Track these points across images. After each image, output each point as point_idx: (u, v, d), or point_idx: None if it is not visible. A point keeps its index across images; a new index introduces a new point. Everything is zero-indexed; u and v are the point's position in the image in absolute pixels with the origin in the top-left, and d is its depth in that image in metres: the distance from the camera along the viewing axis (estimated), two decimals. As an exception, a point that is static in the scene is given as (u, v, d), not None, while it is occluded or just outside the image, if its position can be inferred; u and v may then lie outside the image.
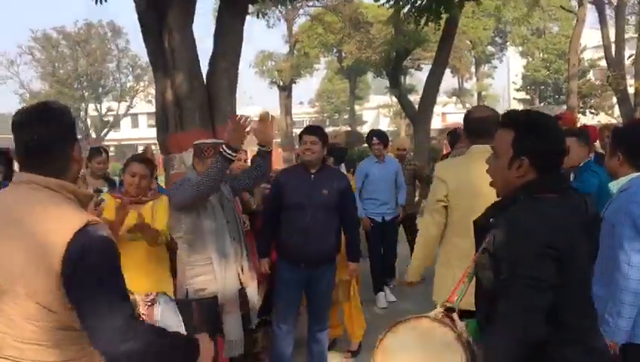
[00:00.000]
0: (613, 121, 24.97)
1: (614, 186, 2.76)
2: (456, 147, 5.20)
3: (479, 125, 3.02)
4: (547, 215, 1.81)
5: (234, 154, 3.27)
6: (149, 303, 2.67)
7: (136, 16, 6.39)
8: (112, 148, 39.45)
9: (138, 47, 54.55)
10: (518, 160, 1.92)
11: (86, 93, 40.55)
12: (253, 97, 59.44)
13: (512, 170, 1.93)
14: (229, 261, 3.39)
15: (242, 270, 3.46)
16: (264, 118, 3.51)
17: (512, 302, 1.76)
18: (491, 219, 1.96)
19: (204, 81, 6.36)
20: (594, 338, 1.92)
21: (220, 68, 6.39)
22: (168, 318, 2.57)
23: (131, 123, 50.21)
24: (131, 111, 43.13)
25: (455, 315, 2.05)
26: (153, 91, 31.38)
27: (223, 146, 3.27)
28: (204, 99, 6.24)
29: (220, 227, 3.39)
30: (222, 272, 3.35)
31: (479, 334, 1.99)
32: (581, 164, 3.86)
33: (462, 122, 3.27)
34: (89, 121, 41.40)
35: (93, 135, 40.19)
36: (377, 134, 6.54)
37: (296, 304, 3.98)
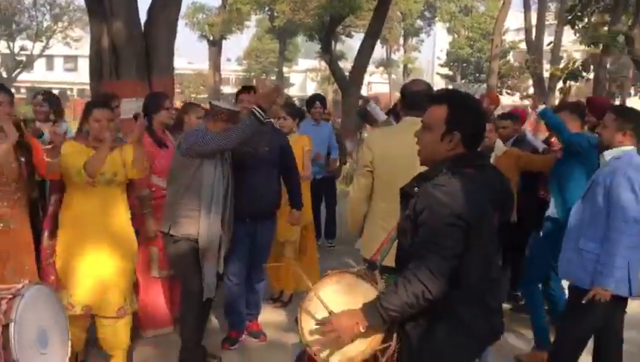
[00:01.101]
0: (527, 103, 26.31)
1: (609, 155, 3.23)
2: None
3: (415, 98, 3.19)
4: (463, 189, 2.01)
5: (265, 114, 3.42)
6: (10, 296, 2.35)
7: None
8: (22, 90, 37.13)
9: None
10: (450, 134, 2.10)
11: (-3, 29, 37.74)
12: (181, 49, 57.35)
13: (443, 144, 2.13)
14: (217, 213, 3.60)
15: (223, 224, 3.70)
16: (276, 90, 3.66)
17: (419, 263, 2.00)
18: (416, 188, 2.14)
19: (143, 30, 6.26)
20: (493, 299, 2.19)
21: (159, 18, 6.29)
22: (32, 315, 2.35)
23: (46, 65, 47.37)
24: (47, 52, 40.62)
25: (377, 272, 2.30)
26: (72, 33, 29.46)
27: (255, 107, 3.40)
28: (142, 49, 6.16)
29: (216, 181, 3.58)
30: (207, 221, 3.56)
31: None
32: None
33: (386, 92, 3.46)
34: (-1, 60, 38.73)
35: (4, 74, 37.64)
36: (320, 99, 6.98)
37: (246, 256, 4.14)
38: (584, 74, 11.83)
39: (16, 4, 37.39)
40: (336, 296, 2.24)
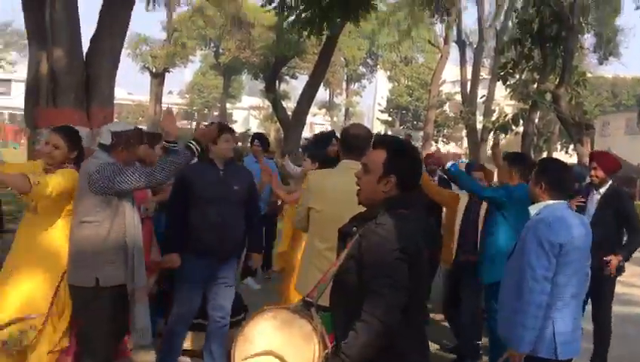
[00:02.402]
0: (460, 151, 27.42)
1: (533, 210, 3.12)
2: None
3: (353, 141, 3.28)
4: (402, 227, 2.13)
5: (200, 149, 3.37)
6: None
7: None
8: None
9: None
10: (387, 177, 2.25)
11: None
12: (121, 79, 56.28)
13: (379, 185, 2.26)
14: (141, 248, 3.36)
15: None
16: (170, 113, 3.61)
17: (373, 300, 2.07)
18: (354, 228, 2.24)
19: (84, 59, 6.17)
20: (424, 331, 2.31)
21: (102, 48, 6.23)
22: None
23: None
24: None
25: (313, 309, 2.34)
26: (7, 56, 28.59)
27: (192, 141, 3.34)
28: (82, 78, 6.06)
29: (135, 215, 3.34)
30: (135, 261, 3.29)
31: (331, 327, 2.30)
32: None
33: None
34: None
35: None
36: (259, 137, 7.12)
37: (197, 297, 3.97)
38: (513, 127, 12.45)
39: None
40: (273, 332, 2.25)
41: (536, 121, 14.61)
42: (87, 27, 6.37)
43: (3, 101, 42.94)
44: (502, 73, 12.59)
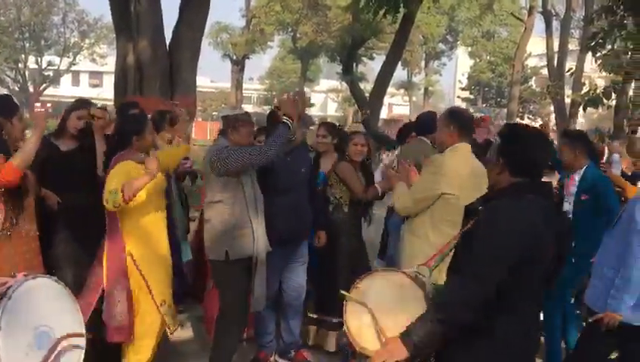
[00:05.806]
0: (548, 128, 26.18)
1: None
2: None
3: (468, 124, 3.42)
4: (518, 209, 2.16)
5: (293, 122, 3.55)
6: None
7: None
8: (49, 104, 37.59)
9: (85, 2, 52.16)
10: (498, 161, 2.31)
11: (27, 45, 38.63)
12: (203, 68, 57.89)
13: (494, 170, 2.33)
14: (262, 223, 3.62)
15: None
16: (296, 98, 3.75)
17: (474, 260, 2.11)
18: (480, 207, 2.33)
19: (167, 49, 6.43)
20: (533, 321, 2.30)
21: (184, 38, 6.47)
22: (24, 316, 2.00)
23: (72, 80, 48.30)
24: (73, 68, 41.41)
25: (427, 278, 2.37)
26: (98, 50, 29.92)
27: (284, 117, 3.53)
28: (166, 67, 6.33)
29: (255, 191, 3.62)
30: (257, 234, 3.57)
31: None
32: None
33: (406, 114, 3.58)
34: (27, 74, 39.53)
35: (31, 89, 38.49)
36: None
37: (278, 279, 4.12)
38: (605, 101, 11.75)
39: (45, 20, 38.32)
40: (383, 290, 2.38)
41: (631, 92, 13.68)
42: (169, 19, 6.61)
43: (96, 92, 45.53)
44: (592, 44, 11.87)
